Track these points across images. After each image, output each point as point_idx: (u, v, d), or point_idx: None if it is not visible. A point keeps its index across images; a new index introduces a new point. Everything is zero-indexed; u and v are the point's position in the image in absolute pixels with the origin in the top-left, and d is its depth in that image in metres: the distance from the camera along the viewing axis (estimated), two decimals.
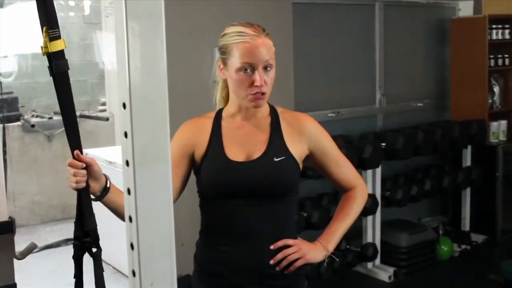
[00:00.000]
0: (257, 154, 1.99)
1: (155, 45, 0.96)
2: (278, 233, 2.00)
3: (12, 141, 6.46)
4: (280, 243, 1.98)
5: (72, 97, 1.67)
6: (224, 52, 1.98)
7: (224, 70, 2.00)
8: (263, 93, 1.93)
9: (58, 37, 1.60)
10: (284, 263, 1.98)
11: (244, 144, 2.01)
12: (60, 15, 7.14)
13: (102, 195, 1.86)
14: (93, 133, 6.92)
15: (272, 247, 1.97)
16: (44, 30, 1.59)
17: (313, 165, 2.13)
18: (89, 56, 7.65)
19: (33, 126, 6.63)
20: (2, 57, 6.73)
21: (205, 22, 4.30)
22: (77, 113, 7.60)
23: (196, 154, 2.04)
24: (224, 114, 2.09)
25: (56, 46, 1.60)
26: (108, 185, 1.86)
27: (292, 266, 1.98)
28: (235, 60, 1.93)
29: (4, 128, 6.08)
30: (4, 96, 6.30)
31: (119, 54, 0.97)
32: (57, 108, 6.66)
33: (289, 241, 1.99)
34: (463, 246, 5.36)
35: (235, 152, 2.00)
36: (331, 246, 2.07)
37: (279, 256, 1.97)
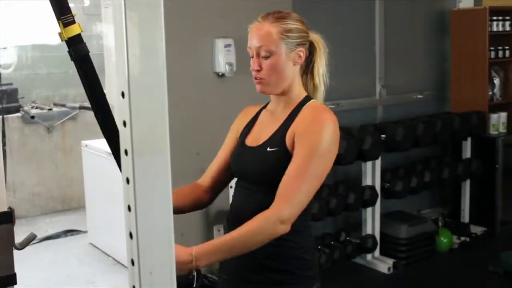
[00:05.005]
0: (260, 142, 1.99)
1: (154, 33, 0.96)
2: None
3: (12, 133, 6.46)
4: None
5: (99, 81, 1.65)
6: None
7: None
8: (261, 78, 1.94)
9: (72, 22, 1.59)
10: None
11: (262, 132, 2.02)
12: None
13: None
14: (93, 124, 6.89)
15: None
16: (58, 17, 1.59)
17: None
18: (89, 47, 7.63)
19: (32, 117, 6.63)
20: (1, 48, 6.72)
21: (205, 13, 4.29)
22: (77, 105, 7.56)
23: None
24: (269, 103, 2.12)
25: (72, 31, 1.60)
26: None
27: None
28: None
29: (3, 119, 6.08)
30: (4, 87, 6.29)
31: (117, 43, 0.97)
32: (57, 100, 6.63)
33: None
34: (463, 238, 5.37)
35: (252, 137, 2.05)
36: (202, 263, 1.73)
37: None
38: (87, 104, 7.13)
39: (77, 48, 1.59)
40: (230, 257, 1.78)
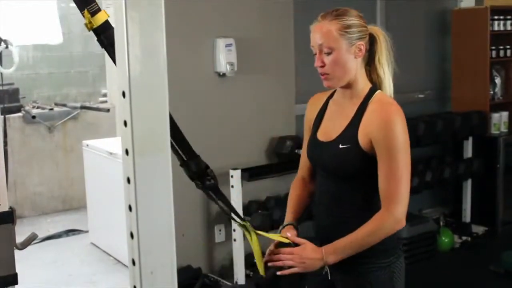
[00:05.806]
0: (332, 137, 2.12)
1: (155, 33, 0.96)
2: (341, 211, 2.11)
3: (13, 132, 6.46)
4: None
5: None
6: None
7: None
8: (326, 73, 2.07)
9: (98, 10, 1.61)
10: (280, 264, 2.03)
11: (332, 126, 2.15)
12: (61, 6, 7.14)
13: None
14: (94, 124, 6.92)
15: (265, 259, 2.07)
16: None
17: None
18: (90, 47, 7.63)
19: (34, 117, 6.63)
20: (3, 48, 6.72)
21: (206, 13, 4.28)
22: (78, 104, 7.54)
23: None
24: (336, 92, 2.23)
25: (100, 19, 1.61)
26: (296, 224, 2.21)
27: (287, 270, 2.02)
28: None
29: (5, 119, 6.08)
30: (5, 87, 6.29)
31: (118, 42, 0.97)
32: (58, 99, 6.60)
33: (293, 250, 2.04)
34: (464, 238, 5.37)
35: (324, 130, 2.17)
36: (330, 260, 2.02)
37: (275, 258, 2.03)
38: (88, 104, 7.16)
39: (108, 34, 1.60)
40: (354, 254, 2.01)
